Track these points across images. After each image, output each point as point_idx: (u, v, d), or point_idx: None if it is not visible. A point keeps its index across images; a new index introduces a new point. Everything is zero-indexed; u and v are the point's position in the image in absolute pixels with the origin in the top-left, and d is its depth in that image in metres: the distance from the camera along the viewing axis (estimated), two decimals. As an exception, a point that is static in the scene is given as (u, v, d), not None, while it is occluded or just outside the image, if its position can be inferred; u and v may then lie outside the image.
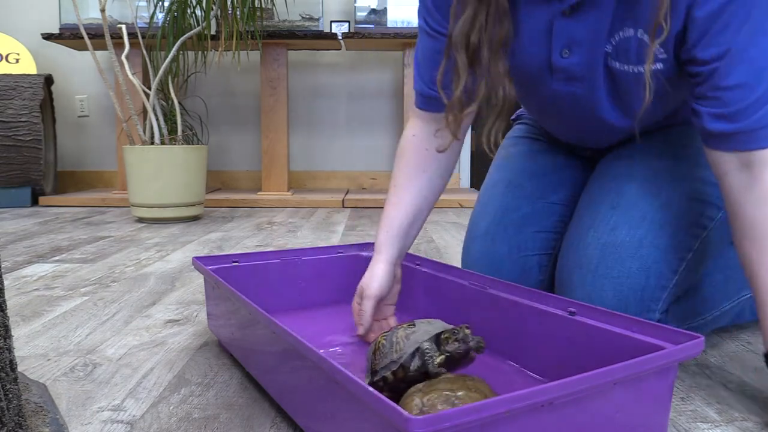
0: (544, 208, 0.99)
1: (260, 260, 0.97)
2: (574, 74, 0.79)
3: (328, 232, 2.05)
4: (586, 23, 0.74)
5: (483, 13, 0.71)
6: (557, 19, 0.75)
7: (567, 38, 0.76)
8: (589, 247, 0.82)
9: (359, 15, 2.88)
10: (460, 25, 0.72)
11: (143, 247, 1.74)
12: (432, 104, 0.85)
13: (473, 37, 0.72)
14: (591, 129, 0.89)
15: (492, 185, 1.06)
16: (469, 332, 0.63)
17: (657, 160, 0.86)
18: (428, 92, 0.84)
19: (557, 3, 0.74)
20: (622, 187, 0.85)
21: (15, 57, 2.88)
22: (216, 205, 2.78)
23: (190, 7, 2.43)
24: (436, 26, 0.81)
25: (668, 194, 0.82)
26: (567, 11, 0.74)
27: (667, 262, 0.79)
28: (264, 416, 0.66)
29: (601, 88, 0.79)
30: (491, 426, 0.43)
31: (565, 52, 0.77)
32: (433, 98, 0.84)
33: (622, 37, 0.73)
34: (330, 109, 3.26)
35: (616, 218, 0.82)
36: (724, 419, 0.66)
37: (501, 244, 0.97)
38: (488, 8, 0.71)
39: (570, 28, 0.75)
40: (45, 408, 0.65)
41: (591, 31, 0.74)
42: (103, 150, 3.27)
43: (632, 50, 0.72)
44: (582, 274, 0.82)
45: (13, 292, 1.22)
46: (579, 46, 0.76)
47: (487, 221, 1.00)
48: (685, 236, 0.80)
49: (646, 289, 0.78)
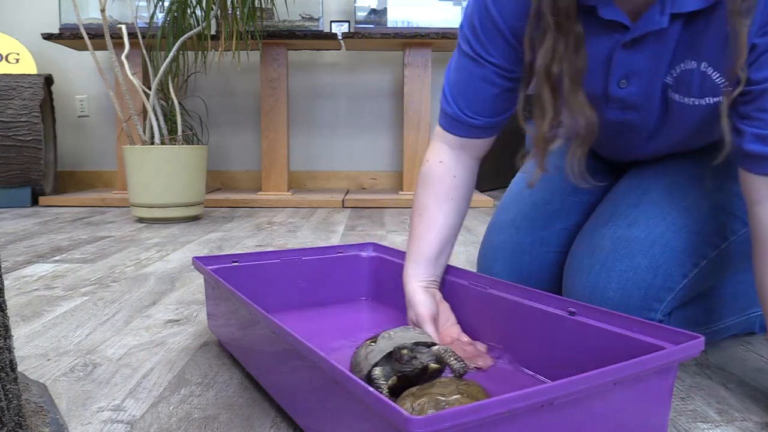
0: (575, 205, 0.99)
1: (260, 260, 0.97)
2: (630, 104, 0.77)
3: (328, 232, 2.05)
4: (646, 55, 0.72)
5: (562, 43, 0.69)
6: (617, 51, 0.73)
7: (626, 69, 0.74)
8: (604, 237, 0.82)
9: (359, 15, 2.88)
10: (542, 58, 0.70)
11: (143, 247, 1.74)
12: (461, 129, 0.84)
13: (554, 68, 0.70)
14: (633, 150, 0.89)
15: (524, 178, 1.06)
16: (433, 350, 0.63)
17: (691, 168, 0.85)
18: (460, 116, 0.82)
19: (619, 35, 0.72)
20: (649, 186, 0.85)
21: (15, 57, 2.88)
22: (216, 205, 2.78)
23: (190, 7, 2.43)
24: (483, 53, 0.79)
25: (694, 200, 0.81)
26: (628, 44, 0.72)
27: (678, 264, 0.78)
28: (264, 416, 0.66)
29: (654, 117, 0.78)
30: (491, 426, 0.43)
31: (622, 82, 0.76)
32: (463, 123, 0.83)
33: (684, 70, 0.71)
34: (330, 109, 3.26)
35: (636, 214, 0.82)
36: (724, 419, 0.66)
37: (525, 235, 0.97)
38: (567, 38, 0.69)
39: (630, 60, 0.73)
40: (45, 408, 0.65)
41: (651, 62, 0.73)
42: (103, 150, 3.27)
43: (694, 83, 0.71)
44: (591, 261, 0.82)
45: (13, 292, 1.22)
46: (638, 77, 0.74)
47: (514, 211, 1.00)
48: (703, 243, 0.79)
49: (651, 288, 0.78)
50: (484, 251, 1.02)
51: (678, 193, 0.82)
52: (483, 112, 0.82)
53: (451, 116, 0.84)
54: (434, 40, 2.77)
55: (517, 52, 0.78)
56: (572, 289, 0.84)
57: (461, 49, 0.82)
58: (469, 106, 0.82)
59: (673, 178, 0.85)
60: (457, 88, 0.83)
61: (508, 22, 0.76)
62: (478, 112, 0.82)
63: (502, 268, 0.98)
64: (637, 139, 0.84)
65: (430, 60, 2.85)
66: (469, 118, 0.82)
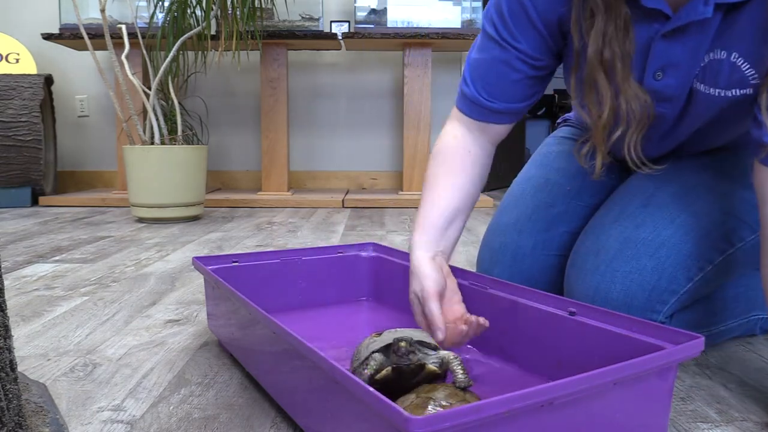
0: (578, 209, 0.98)
1: (260, 260, 0.97)
2: (664, 96, 0.75)
3: (328, 232, 2.05)
4: (686, 46, 0.70)
5: (612, 25, 0.68)
6: (656, 41, 0.71)
7: (664, 60, 0.72)
8: (611, 237, 0.82)
9: (359, 15, 2.88)
10: (593, 42, 0.68)
11: (143, 247, 1.74)
12: (479, 112, 0.82)
13: (606, 52, 0.68)
14: (652, 145, 0.86)
15: (527, 179, 1.04)
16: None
17: (702, 172, 0.84)
18: (478, 99, 0.81)
19: (659, 25, 0.70)
20: (658, 188, 0.84)
21: (15, 57, 2.88)
22: (216, 205, 2.78)
23: (190, 7, 2.43)
24: (508, 37, 0.77)
25: (703, 204, 0.80)
26: (668, 34, 0.70)
27: (684, 268, 0.78)
28: (264, 416, 0.66)
29: (677, 110, 0.77)
30: (491, 426, 0.43)
31: (658, 74, 0.74)
32: (481, 106, 0.81)
33: (712, 59, 0.69)
34: (330, 109, 3.26)
35: (644, 216, 0.81)
36: (724, 419, 0.66)
37: (527, 239, 0.96)
38: (616, 20, 0.67)
39: (668, 51, 0.71)
40: (45, 408, 0.65)
41: (689, 54, 0.71)
42: (103, 150, 3.27)
43: (723, 74, 0.69)
44: (597, 261, 0.81)
45: (13, 292, 1.22)
46: (675, 69, 0.72)
47: (516, 214, 0.99)
48: (710, 248, 0.78)
49: (655, 290, 0.77)
50: (483, 253, 1.01)
51: (688, 196, 0.81)
52: (502, 96, 0.80)
53: (469, 98, 0.82)
54: (434, 40, 2.77)
55: (546, 42, 0.77)
56: (575, 288, 0.84)
57: (486, 32, 0.80)
58: (489, 89, 0.80)
59: (684, 181, 0.83)
60: (478, 72, 0.81)
61: (540, 10, 0.74)
62: (497, 96, 0.80)
63: (502, 271, 0.97)
64: (658, 132, 0.82)
65: (430, 60, 2.85)
66: (487, 102, 0.80)
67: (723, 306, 0.86)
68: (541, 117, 5.27)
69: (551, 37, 0.77)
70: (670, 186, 0.84)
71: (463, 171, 0.82)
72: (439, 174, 0.82)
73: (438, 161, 0.83)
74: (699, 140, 0.85)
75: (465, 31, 2.78)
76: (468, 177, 0.82)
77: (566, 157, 1.04)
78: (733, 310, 0.87)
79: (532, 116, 5.17)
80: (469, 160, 0.83)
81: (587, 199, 0.99)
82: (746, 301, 0.88)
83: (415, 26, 2.83)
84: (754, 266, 0.84)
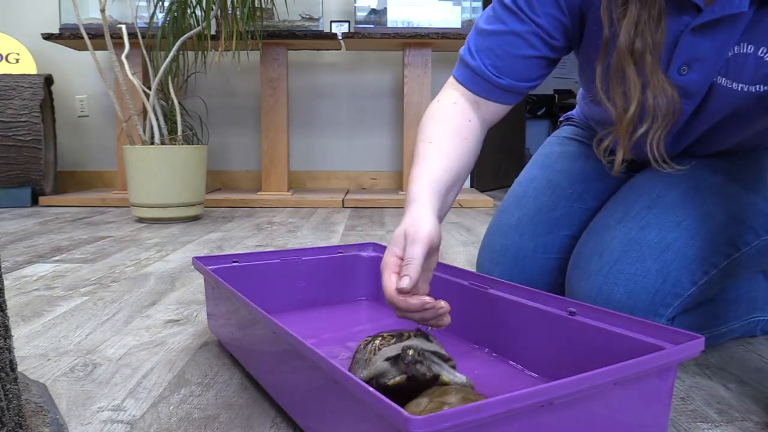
0: (580, 212, 0.97)
1: (260, 260, 0.97)
2: (688, 92, 0.73)
3: (328, 232, 2.05)
4: (714, 41, 0.68)
5: (645, 14, 0.64)
6: (686, 34, 0.69)
7: (690, 55, 0.70)
8: (615, 239, 0.81)
9: (359, 15, 2.88)
10: (625, 31, 0.65)
11: (143, 247, 1.74)
12: (481, 86, 0.77)
13: (638, 42, 0.65)
14: (668, 142, 0.83)
15: (529, 181, 1.03)
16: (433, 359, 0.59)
17: (709, 175, 0.84)
18: (484, 71, 0.76)
19: (689, 17, 0.67)
20: (665, 190, 0.83)
21: (15, 57, 2.88)
22: (216, 205, 2.78)
23: (190, 7, 2.43)
24: (527, 10, 0.73)
25: (710, 208, 0.79)
26: (698, 27, 0.67)
27: (689, 272, 0.77)
28: (264, 416, 0.66)
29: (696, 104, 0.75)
30: (491, 426, 0.43)
31: (683, 69, 0.71)
32: (485, 80, 0.76)
33: (738, 53, 0.67)
34: (330, 109, 3.26)
35: (649, 217, 0.80)
36: (724, 419, 0.66)
37: (529, 241, 0.96)
38: (650, 9, 0.64)
39: (696, 45, 0.69)
40: (45, 408, 0.65)
41: (717, 49, 0.69)
42: (103, 150, 3.27)
43: (748, 68, 0.67)
44: (600, 262, 0.80)
45: (13, 292, 1.22)
46: (701, 64, 0.70)
47: (518, 216, 0.98)
48: (715, 252, 0.78)
49: (659, 293, 0.77)
50: (484, 254, 1.01)
51: (695, 199, 0.81)
52: (510, 72, 0.76)
53: (473, 69, 0.77)
54: (434, 40, 2.77)
55: (565, 24, 0.74)
56: (577, 289, 0.83)
57: (501, 2, 0.75)
58: (496, 63, 0.75)
59: (691, 184, 0.82)
60: (487, 42, 0.76)
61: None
62: (504, 71, 0.76)
63: (503, 273, 0.97)
64: (672, 131, 0.80)
65: (430, 60, 2.85)
66: (494, 76, 0.76)
67: (724, 308, 0.86)
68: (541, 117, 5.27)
69: (571, 19, 0.74)
70: (677, 188, 0.83)
71: (464, 137, 0.75)
72: (440, 134, 0.74)
73: (437, 122, 0.76)
74: (712, 138, 0.83)
75: (465, 31, 2.78)
76: (468, 143, 0.76)
77: (569, 159, 1.03)
78: (734, 312, 0.87)
79: (532, 116, 5.17)
80: (470, 127, 0.76)
81: (589, 203, 0.98)
82: (747, 303, 0.88)
83: (415, 26, 2.83)
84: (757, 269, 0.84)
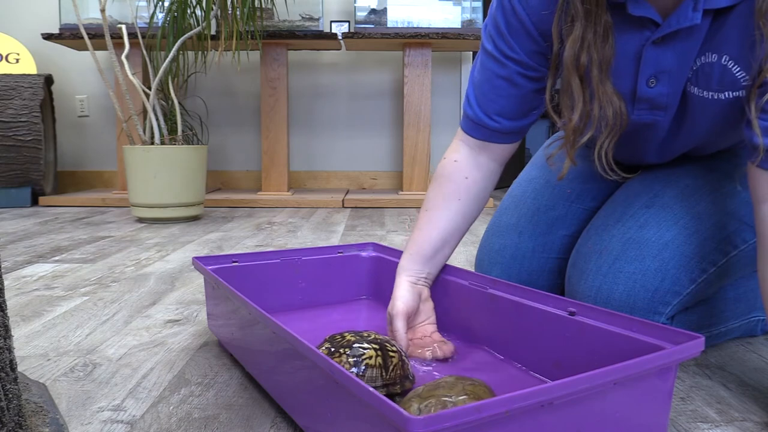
0: (579, 212, 0.98)
1: (260, 260, 0.97)
2: (658, 104, 0.75)
3: (328, 232, 2.05)
4: (676, 51, 0.70)
5: (591, 31, 0.68)
6: (647, 48, 0.71)
7: (656, 68, 0.72)
8: (614, 238, 0.81)
9: (359, 15, 2.88)
10: (570, 47, 0.69)
11: (143, 247, 1.74)
12: (481, 132, 0.83)
13: (583, 57, 0.69)
14: (649, 153, 0.87)
15: (528, 181, 1.04)
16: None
17: (706, 174, 0.84)
18: (481, 119, 0.82)
19: (649, 32, 0.70)
20: (662, 189, 0.84)
21: (15, 57, 2.88)
22: (216, 205, 2.78)
23: (190, 7, 2.43)
24: (506, 50, 0.78)
25: (707, 206, 0.80)
26: (658, 40, 0.70)
27: (687, 270, 0.77)
28: (264, 416, 0.66)
29: (672, 116, 0.77)
30: (491, 426, 0.43)
31: (651, 81, 0.74)
32: (483, 126, 0.82)
33: (704, 62, 0.70)
34: (330, 109, 3.26)
35: (647, 216, 0.81)
36: (724, 419, 0.66)
37: (528, 240, 0.96)
38: (596, 26, 0.68)
39: (660, 58, 0.71)
40: (45, 408, 0.65)
41: (680, 59, 0.71)
42: (103, 150, 3.27)
43: (714, 76, 0.70)
44: (600, 262, 0.81)
45: (13, 292, 1.22)
46: (667, 76, 0.73)
47: (517, 215, 0.99)
48: (713, 250, 0.78)
49: (658, 291, 0.77)
50: (483, 254, 1.01)
51: (692, 198, 0.81)
52: (503, 113, 0.81)
53: (471, 119, 0.83)
54: (434, 40, 2.77)
55: (541, 48, 0.77)
56: (577, 289, 0.83)
57: (485, 49, 0.81)
58: (490, 108, 0.81)
59: (688, 183, 0.83)
60: (480, 90, 0.82)
61: (532, 16, 0.75)
62: (499, 113, 0.81)
63: (501, 272, 0.97)
64: (655, 140, 0.82)
65: (430, 60, 2.85)
66: (489, 121, 0.81)
67: (724, 307, 0.86)
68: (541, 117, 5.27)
69: (547, 46, 0.77)
70: (674, 187, 0.83)
71: (457, 198, 0.84)
72: (435, 199, 0.84)
73: (435, 186, 0.86)
74: (703, 148, 0.85)
75: (465, 31, 2.78)
76: (462, 203, 0.84)
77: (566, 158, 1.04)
78: (733, 311, 0.87)
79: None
80: (465, 186, 0.84)
81: (588, 203, 0.99)
82: (747, 303, 0.88)
83: (415, 26, 2.83)
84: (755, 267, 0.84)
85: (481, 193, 0.85)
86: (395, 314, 0.78)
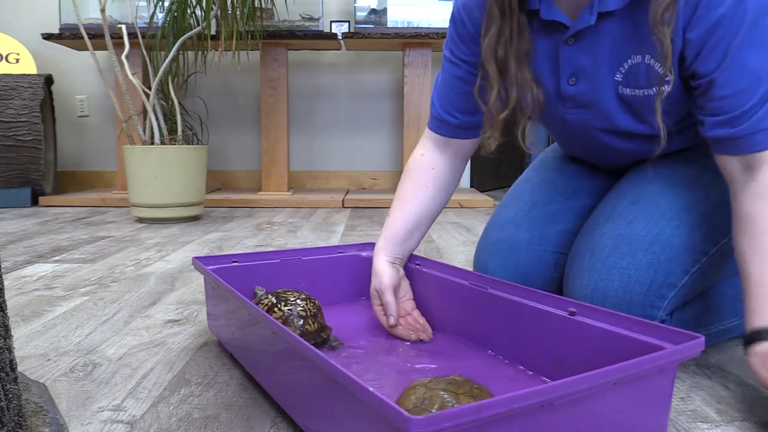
0: (574, 208, 1.01)
1: (260, 260, 0.97)
2: (582, 102, 0.84)
3: (328, 232, 2.05)
4: (589, 51, 0.79)
5: (507, 28, 0.79)
6: (562, 48, 0.80)
7: (572, 66, 0.81)
8: (604, 236, 0.84)
9: (359, 15, 2.88)
10: (487, 41, 0.80)
11: (143, 247, 1.74)
12: (443, 128, 0.93)
13: (500, 50, 0.79)
14: (608, 153, 0.93)
15: (526, 180, 1.09)
16: None
17: (686, 167, 0.87)
18: (442, 116, 0.92)
19: (561, 34, 0.80)
20: (646, 185, 0.87)
21: (15, 57, 2.88)
22: (216, 205, 2.78)
23: (190, 7, 2.43)
24: (460, 54, 0.89)
25: (691, 197, 0.83)
26: (570, 40, 0.79)
27: (679, 261, 0.79)
28: (264, 416, 0.66)
29: (619, 116, 0.83)
30: (491, 426, 0.43)
31: (571, 80, 0.82)
32: (444, 122, 0.92)
33: (631, 65, 0.77)
34: (330, 109, 3.26)
35: (635, 213, 0.84)
36: (724, 419, 0.66)
37: (524, 232, 0.99)
38: (511, 24, 0.79)
39: (574, 57, 0.80)
40: (45, 408, 0.65)
41: (594, 59, 0.79)
42: (103, 150, 3.27)
43: (641, 75, 0.77)
44: (593, 260, 0.83)
45: (13, 292, 1.22)
46: (584, 74, 0.81)
47: (515, 210, 1.03)
48: (702, 240, 0.80)
49: (653, 285, 0.78)
50: (481, 247, 1.03)
51: (673, 192, 0.84)
52: (460, 108, 0.91)
53: (434, 116, 0.94)
54: (434, 40, 2.77)
55: None
56: (574, 289, 0.84)
57: (444, 55, 0.92)
58: (448, 105, 0.91)
59: (669, 178, 0.86)
60: (442, 90, 0.93)
61: (475, 24, 0.85)
62: (456, 108, 0.91)
63: (498, 265, 0.98)
64: (617, 141, 0.87)
65: (430, 60, 2.85)
66: (449, 117, 0.92)
67: (722, 305, 0.87)
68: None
69: None
70: (657, 183, 0.86)
71: (425, 186, 0.93)
72: (405, 190, 0.94)
73: (405, 177, 0.96)
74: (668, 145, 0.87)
75: (465, 31, 2.78)
76: (430, 191, 0.93)
77: (562, 161, 1.08)
78: (732, 308, 0.87)
79: None
80: (432, 176, 0.93)
81: (583, 200, 1.01)
82: None
83: (415, 26, 2.83)
84: None
85: (448, 180, 0.95)
86: (384, 289, 0.87)
